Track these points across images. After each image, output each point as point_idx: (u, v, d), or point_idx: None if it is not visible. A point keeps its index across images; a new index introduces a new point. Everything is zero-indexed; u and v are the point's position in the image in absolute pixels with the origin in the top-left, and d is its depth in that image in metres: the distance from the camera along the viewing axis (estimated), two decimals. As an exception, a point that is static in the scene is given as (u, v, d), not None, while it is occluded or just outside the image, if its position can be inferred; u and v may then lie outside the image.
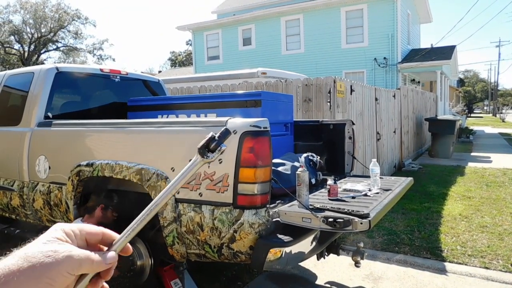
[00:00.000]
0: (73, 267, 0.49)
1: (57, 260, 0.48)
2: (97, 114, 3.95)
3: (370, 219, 2.11)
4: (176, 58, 53.45)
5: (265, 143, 2.31)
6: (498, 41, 63.51)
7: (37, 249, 0.48)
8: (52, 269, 0.47)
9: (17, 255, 0.48)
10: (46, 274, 0.47)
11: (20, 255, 0.48)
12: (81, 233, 0.53)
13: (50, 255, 0.48)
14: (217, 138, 0.62)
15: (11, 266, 0.46)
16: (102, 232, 0.56)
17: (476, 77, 73.64)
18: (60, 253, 0.48)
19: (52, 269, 0.47)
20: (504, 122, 33.31)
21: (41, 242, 0.50)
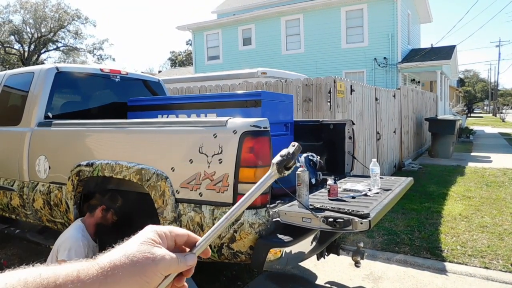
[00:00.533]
0: (165, 268, 0.54)
1: (154, 262, 0.53)
2: (97, 114, 3.95)
3: (370, 219, 2.11)
4: (176, 58, 53.45)
5: (265, 143, 2.31)
6: (498, 41, 63.57)
7: (137, 248, 0.53)
8: (150, 269, 0.52)
9: (118, 252, 0.52)
10: (145, 273, 0.52)
11: (121, 253, 0.52)
12: (171, 234, 0.59)
13: (149, 257, 0.53)
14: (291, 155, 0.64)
15: (116, 261, 0.51)
16: (187, 234, 0.61)
17: (476, 77, 73.62)
18: (157, 256, 0.54)
19: (149, 270, 0.52)
20: (504, 122, 33.31)
21: (139, 242, 0.54)
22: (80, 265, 0.49)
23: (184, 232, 0.60)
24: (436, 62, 16.08)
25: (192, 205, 2.43)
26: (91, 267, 0.49)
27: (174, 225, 2.47)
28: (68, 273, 0.46)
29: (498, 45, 55.16)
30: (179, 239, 0.59)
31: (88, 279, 0.47)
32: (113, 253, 0.52)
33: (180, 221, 2.47)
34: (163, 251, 0.55)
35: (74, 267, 0.48)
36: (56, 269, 0.47)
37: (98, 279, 0.48)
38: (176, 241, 0.59)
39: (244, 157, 2.26)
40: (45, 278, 0.44)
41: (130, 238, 0.56)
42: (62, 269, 0.47)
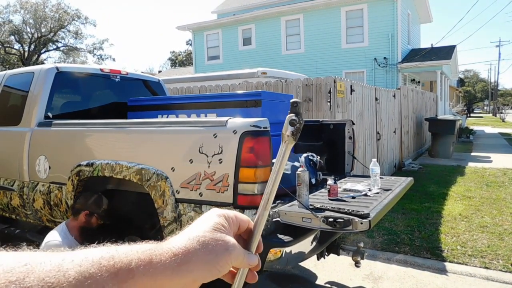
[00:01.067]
0: (236, 259, 0.52)
1: (227, 251, 0.51)
2: (97, 114, 3.95)
3: (370, 219, 2.10)
4: (176, 58, 53.45)
5: (265, 143, 2.31)
6: (498, 41, 63.56)
7: (211, 235, 0.51)
8: (223, 258, 0.50)
9: (188, 237, 0.50)
10: (218, 262, 0.49)
11: (194, 239, 0.49)
12: (236, 219, 0.56)
13: (223, 245, 0.50)
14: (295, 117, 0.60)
15: (190, 248, 0.48)
16: (249, 221, 0.58)
17: (476, 77, 73.61)
18: (230, 245, 0.51)
19: (223, 259, 0.50)
20: (504, 122, 33.31)
21: (211, 228, 0.52)
22: (153, 249, 0.47)
23: (246, 219, 0.58)
24: (436, 62, 16.08)
25: (192, 205, 2.43)
26: (164, 253, 0.47)
27: (174, 225, 2.48)
28: (141, 258, 0.45)
29: (498, 45, 55.19)
30: (242, 225, 0.57)
31: (161, 265, 0.45)
32: (185, 238, 0.50)
33: (180, 221, 2.47)
34: (234, 241, 0.53)
35: (147, 251, 0.46)
36: (129, 252, 0.45)
37: (171, 266, 0.46)
38: (240, 227, 0.57)
39: (244, 157, 2.26)
40: (118, 261, 0.43)
41: (197, 221, 0.53)
42: (134, 252, 0.45)
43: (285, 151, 0.60)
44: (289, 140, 0.59)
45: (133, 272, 0.43)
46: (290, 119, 0.60)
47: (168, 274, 0.45)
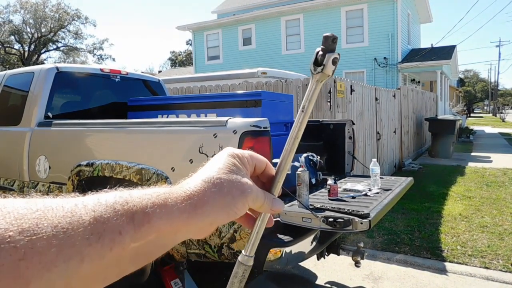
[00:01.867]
0: (253, 200, 0.50)
1: (243, 193, 0.49)
2: (97, 114, 3.95)
3: (370, 219, 2.10)
4: (176, 58, 53.46)
5: (265, 143, 2.31)
6: (498, 41, 63.57)
7: (225, 177, 0.49)
8: (239, 200, 0.49)
9: (202, 179, 0.48)
10: (235, 204, 0.48)
11: (208, 180, 0.48)
12: (252, 159, 0.54)
13: (239, 187, 0.49)
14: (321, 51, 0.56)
15: (203, 190, 0.47)
16: (267, 163, 0.56)
17: (476, 77, 73.63)
18: (247, 187, 0.50)
19: (240, 201, 0.49)
20: (504, 122, 33.32)
21: (225, 168, 0.50)
22: (168, 192, 0.45)
23: (263, 159, 0.56)
24: (436, 62, 16.09)
25: (192, 205, 2.42)
26: (179, 197, 0.45)
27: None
28: (156, 202, 0.43)
29: (498, 45, 55.22)
30: (258, 166, 0.55)
31: (177, 209, 0.44)
32: (199, 180, 0.48)
33: (180, 221, 2.47)
34: (250, 181, 0.51)
35: (162, 195, 0.44)
36: (143, 196, 0.43)
37: (187, 210, 0.44)
38: (256, 168, 0.54)
39: (244, 157, 2.26)
40: (132, 206, 0.41)
41: (210, 162, 0.51)
42: (149, 196, 0.43)
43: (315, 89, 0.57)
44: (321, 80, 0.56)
45: (148, 216, 0.42)
46: (333, 57, 0.55)
47: (184, 218, 0.44)
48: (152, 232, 0.42)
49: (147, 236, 0.41)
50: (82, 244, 0.36)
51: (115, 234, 0.39)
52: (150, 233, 0.41)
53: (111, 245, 0.38)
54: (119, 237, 0.39)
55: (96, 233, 0.38)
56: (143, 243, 0.41)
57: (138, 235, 0.40)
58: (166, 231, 0.43)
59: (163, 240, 0.43)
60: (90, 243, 0.37)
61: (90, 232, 0.37)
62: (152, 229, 0.41)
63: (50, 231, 0.35)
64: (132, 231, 0.40)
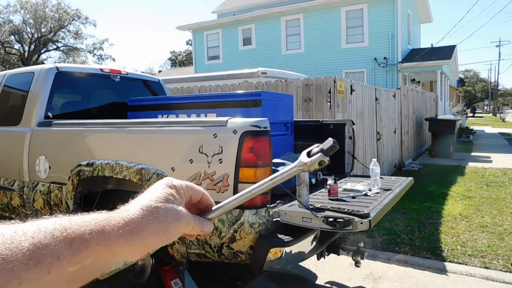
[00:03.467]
0: (186, 227, 0.54)
1: (178, 220, 0.53)
2: (97, 114, 3.95)
3: (370, 219, 2.10)
4: (176, 58, 53.45)
5: (265, 143, 2.31)
6: (498, 41, 63.59)
7: (162, 205, 0.52)
8: (174, 227, 0.52)
9: (140, 207, 0.51)
10: (169, 230, 0.52)
11: (145, 208, 0.51)
12: (188, 190, 0.58)
13: (174, 215, 0.53)
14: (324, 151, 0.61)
15: (140, 217, 0.50)
16: (203, 193, 0.60)
17: (476, 77, 73.63)
18: (181, 215, 0.54)
19: (173, 227, 0.52)
20: (504, 121, 33.31)
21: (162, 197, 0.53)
22: (107, 219, 0.48)
23: (199, 190, 0.60)
24: (436, 62, 16.08)
25: (192, 205, 2.42)
26: (117, 223, 0.48)
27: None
28: (94, 229, 0.46)
29: (498, 45, 55.20)
30: (194, 196, 0.59)
31: (114, 235, 0.46)
32: (137, 207, 0.51)
33: (180, 221, 2.47)
34: (185, 210, 0.55)
35: (101, 222, 0.47)
36: (82, 223, 0.45)
37: (124, 235, 0.47)
38: (192, 197, 0.58)
39: (244, 157, 2.26)
40: (71, 232, 0.43)
41: (149, 190, 0.55)
42: (88, 223, 0.46)
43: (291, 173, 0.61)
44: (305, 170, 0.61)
45: (86, 241, 0.44)
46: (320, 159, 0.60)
47: (121, 243, 0.47)
48: (90, 256, 0.44)
49: (84, 260, 0.44)
50: (21, 269, 0.38)
51: (54, 259, 0.41)
52: (87, 257, 0.44)
53: (49, 269, 0.40)
54: (57, 262, 0.41)
55: (34, 258, 0.40)
56: (80, 266, 0.43)
57: (76, 259, 0.43)
58: (103, 254, 0.45)
59: (99, 263, 0.46)
60: (29, 268, 0.39)
61: (29, 257, 0.39)
62: (89, 253, 0.44)
63: None
64: (70, 256, 0.42)
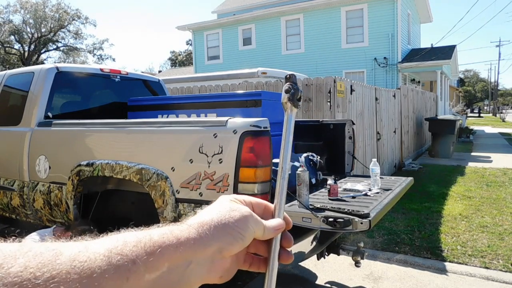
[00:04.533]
0: (255, 223, 0.51)
1: (243, 214, 0.50)
2: (97, 114, 3.95)
3: (370, 219, 2.11)
4: (176, 58, 53.46)
5: (265, 143, 2.31)
6: (498, 41, 63.59)
7: (221, 206, 0.51)
8: (240, 221, 0.49)
9: (202, 213, 0.50)
10: (236, 224, 0.49)
11: (206, 212, 0.50)
12: (248, 202, 0.55)
13: (235, 209, 0.50)
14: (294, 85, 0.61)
15: (204, 219, 0.48)
16: (264, 204, 0.57)
17: (476, 77, 73.65)
18: (243, 209, 0.51)
19: (240, 221, 0.49)
20: (504, 121, 33.31)
21: (221, 203, 0.52)
22: (170, 226, 0.47)
23: (261, 202, 0.57)
24: (436, 62, 16.08)
25: (192, 205, 2.43)
26: (180, 227, 0.47)
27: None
28: (161, 231, 0.45)
29: (498, 45, 55.19)
30: (256, 207, 0.55)
31: (182, 235, 0.45)
32: (198, 215, 0.50)
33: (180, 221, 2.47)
34: (248, 208, 0.52)
35: (165, 227, 0.46)
36: (149, 229, 0.45)
37: (190, 235, 0.45)
38: (254, 209, 0.54)
39: (244, 157, 2.26)
40: (141, 236, 0.43)
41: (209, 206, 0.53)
42: (154, 228, 0.46)
43: (288, 120, 0.61)
44: (289, 107, 0.61)
45: (157, 243, 0.43)
46: (285, 87, 0.61)
47: (191, 243, 0.45)
48: (164, 261, 0.42)
49: (160, 265, 0.42)
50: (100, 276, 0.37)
51: (130, 264, 0.40)
52: (162, 261, 0.42)
53: (127, 275, 0.39)
54: (134, 267, 0.40)
55: (112, 264, 0.39)
56: (157, 276, 0.42)
57: (152, 264, 0.41)
58: (176, 259, 0.44)
59: (176, 273, 0.44)
60: (108, 274, 0.38)
61: (107, 263, 0.38)
62: (163, 256, 0.42)
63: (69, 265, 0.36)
64: (145, 259, 0.41)
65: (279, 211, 0.56)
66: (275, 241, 0.54)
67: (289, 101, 0.60)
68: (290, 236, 0.56)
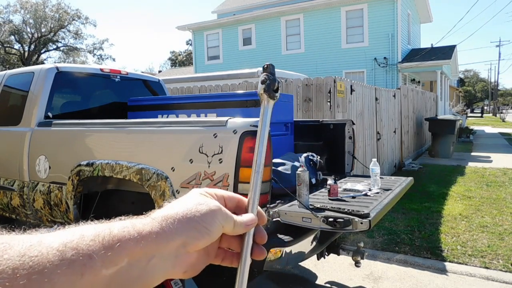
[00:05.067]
0: (224, 217, 0.49)
1: (210, 208, 0.48)
2: (97, 114, 3.95)
3: (370, 219, 2.10)
4: (176, 58, 53.46)
5: (265, 143, 2.31)
6: (498, 41, 63.61)
7: (189, 199, 0.49)
8: (207, 215, 0.47)
9: (169, 206, 0.48)
10: (203, 219, 0.47)
11: (173, 205, 0.48)
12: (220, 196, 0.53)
13: (202, 203, 0.48)
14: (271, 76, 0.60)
15: (169, 212, 0.46)
16: (238, 198, 0.55)
17: (476, 77, 73.67)
18: (212, 203, 0.49)
19: (207, 215, 0.47)
20: (504, 121, 33.31)
21: (189, 196, 0.50)
22: (132, 219, 0.45)
23: (234, 195, 0.54)
24: (436, 62, 16.08)
25: (192, 205, 2.42)
26: (143, 219, 0.45)
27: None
28: (122, 224, 0.43)
29: (498, 45, 55.21)
30: (228, 201, 0.53)
31: (143, 229, 0.43)
32: (164, 208, 0.48)
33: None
34: (217, 202, 0.50)
35: (127, 220, 0.44)
36: (109, 223, 0.43)
37: (153, 228, 0.44)
38: (226, 203, 0.53)
39: (244, 157, 2.26)
40: (100, 230, 0.41)
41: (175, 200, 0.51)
42: (115, 222, 0.44)
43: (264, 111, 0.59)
44: (264, 98, 0.59)
45: (117, 237, 0.41)
46: (261, 78, 0.59)
47: (153, 237, 0.43)
48: (124, 256, 0.41)
49: (119, 260, 0.40)
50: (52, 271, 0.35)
51: (86, 258, 0.38)
52: (121, 256, 0.40)
53: (82, 271, 0.37)
54: (90, 262, 0.38)
55: (66, 259, 0.37)
56: (116, 271, 0.40)
57: (110, 258, 0.39)
58: (137, 254, 0.42)
59: (136, 268, 0.42)
60: (61, 270, 0.36)
61: (59, 258, 0.36)
62: (123, 251, 0.41)
63: (18, 259, 0.34)
64: (103, 254, 0.39)
65: (252, 206, 0.55)
66: (248, 236, 0.52)
67: (265, 92, 0.59)
68: (263, 232, 0.54)
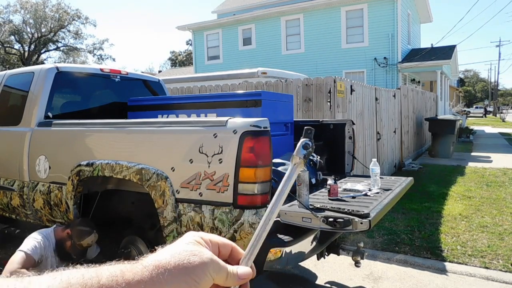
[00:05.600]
0: (215, 271, 0.49)
1: (203, 260, 0.48)
2: (97, 114, 3.95)
3: (370, 219, 2.10)
4: (176, 58, 53.45)
5: (265, 143, 2.31)
6: (498, 41, 63.64)
7: (183, 247, 0.49)
8: (199, 268, 0.47)
9: (162, 252, 0.48)
10: (193, 271, 0.47)
11: (166, 252, 0.48)
12: (214, 243, 0.54)
13: (196, 254, 0.48)
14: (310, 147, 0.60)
15: (161, 260, 0.47)
16: (232, 246, 0.55)
17: (476, 77, 73.68)
18: (205, 255, 0.49)
19: (198, 268, 0.47)
20: (504, 121, 33.30)
21: (184, 243, 0.50)
22: (123, 265, 0.46)
23: (228, 243, 0.55)
24: (436, 62, 16.07)
25: (192, 205, 2.43)
26: (134, 267, 0.45)
27: (174, 225, 2.48)
28: (111, 273, 0.43)
29: (498, 45, 55.15)
30: (222, 249, 0.54)
31: (133, 278, 0.44)
32: (157, 253, 0.49)
33: (180, 221, 2.47)
34: (211, 253, 0.50)
35: (117, 267, 0.45)
36: (98, 269, 0.44)
37: (143, 278, 0.44)
38: (220, 251, 0.53)
39: (244, 157, 2.26)
40: (88, 278, 0.41)
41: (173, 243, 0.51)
42: (104, 269, 0.44)
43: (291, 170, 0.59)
44: (298, 162, 0.59)
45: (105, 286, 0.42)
46: (304, 142, 0.60)
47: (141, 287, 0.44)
48: None
49: None
50: None
51: None
52: None
53: None
54: None
55: None
56: None
57: None
58: None
59: None
60: None
61: None
62: None
63: None
64: None
65: (248, 259, 0.54)
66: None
67: (304, 158, 0.59)
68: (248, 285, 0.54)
